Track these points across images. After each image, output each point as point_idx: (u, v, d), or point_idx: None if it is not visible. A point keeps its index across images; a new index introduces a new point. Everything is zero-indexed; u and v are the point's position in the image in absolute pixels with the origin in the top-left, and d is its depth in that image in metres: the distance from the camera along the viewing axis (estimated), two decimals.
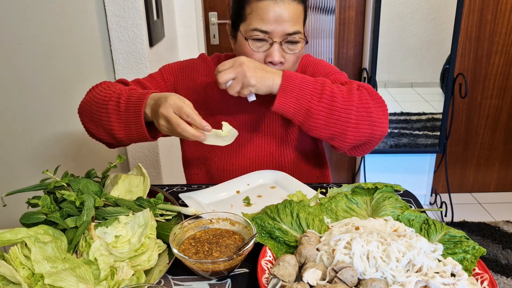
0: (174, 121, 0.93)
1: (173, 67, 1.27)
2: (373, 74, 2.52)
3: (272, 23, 1.06)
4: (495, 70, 2.72)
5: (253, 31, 1.07)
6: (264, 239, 0.83)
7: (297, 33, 1.08)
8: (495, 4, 2.56)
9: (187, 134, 0.93)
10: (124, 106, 1.03)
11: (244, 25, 1.10)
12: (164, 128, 0.97)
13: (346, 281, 0.68)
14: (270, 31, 1.06)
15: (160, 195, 0.94)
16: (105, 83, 1.16)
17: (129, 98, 1.03)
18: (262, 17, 1.06)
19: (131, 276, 0.75)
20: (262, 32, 1.07)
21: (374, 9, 2.41)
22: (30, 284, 0.70)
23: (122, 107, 1.03)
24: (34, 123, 1.63)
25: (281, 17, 1.05)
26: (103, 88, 1.12)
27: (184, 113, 0.92)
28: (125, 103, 1.03)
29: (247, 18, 1.09)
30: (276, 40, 1.07)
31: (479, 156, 2.98)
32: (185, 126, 0.92)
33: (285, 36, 1.07)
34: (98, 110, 1.07)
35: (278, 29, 1.06)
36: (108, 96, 1.07)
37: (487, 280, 0.73)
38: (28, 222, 0.82)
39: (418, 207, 1.02)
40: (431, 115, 2.71)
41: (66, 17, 1.56)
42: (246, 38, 1.09)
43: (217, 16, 2.55)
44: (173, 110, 0.93)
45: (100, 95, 1.09)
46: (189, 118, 0.92)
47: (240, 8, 1.11)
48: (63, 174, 0.92)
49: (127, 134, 1.05)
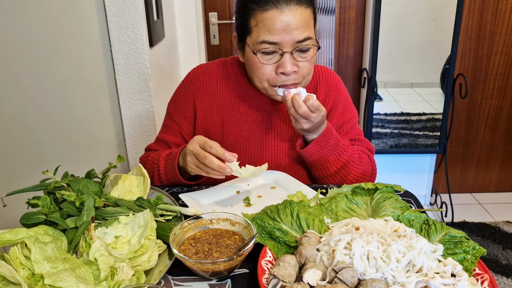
0: (200, 154, 0.99)
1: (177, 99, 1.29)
2: (373, 74, 2.52)
3: (280, 33, 1.00)
4: (495, 71, 2.72)
5: (261, 44, 1.03)
6: (264, 239, 0.83)
7: (307, 39, 1.03)
8: (495, 5, 2.56)
9: (212, 165, 0.97)
10: (164, 173, 1.16)
11: (250, 38, 1.06)
12: (190, 164, 1.04)
13: (346, 281, 0.68)
14: (279, 42, 1.01)
15: (160, 196, 0.94)
16: (143, 160, 1.26)
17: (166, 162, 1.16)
18: (269, 28, 1.01)
19: (131, 277, 0.75)
20: (270, 43, 1.02)
21: (374, 9, 2.41)
22: (30, 285, 0.70)
23: (162, 176, 1.17)
24: (34, 123, 1.63)
25: (289, 25, 1.00)
26: (147, 168, 1.20)
27: (208, 145, 0.99)
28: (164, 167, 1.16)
29: (253, 30, 1.04)
30: (286, 50, 1.02)
31: (479, 157, 2.98)
32: (211, 157, 0.98)
33: (295, 44, 1.02)
34: None
35: (287, 38, 1.01)
36: (152, 174, 1.19)
37: (487, 280, 0.72)
38: (28, 222, 0.82)
39: (418, 208, 1.02)
40: (431, 115, 2.71)
41: (66, 18, 1.56)
42: (254, 52, 1.04)
43: (217, 17, 2.55)
44: (199, 144, 1.01)
45: (149, 174, 1.20)
46: (212, 149, 0.98)
47: (244, 21, 1.06)
48: (63, 175, 0.92)
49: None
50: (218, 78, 1.24)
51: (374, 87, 2.52)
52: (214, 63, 1.28)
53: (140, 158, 1.30)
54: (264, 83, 1.11)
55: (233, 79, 1.23)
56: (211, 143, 0.99)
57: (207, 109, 1.24)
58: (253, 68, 1.10)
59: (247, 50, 1.09)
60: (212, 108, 1.24)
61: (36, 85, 1.60)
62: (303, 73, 1.08)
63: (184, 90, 1.26)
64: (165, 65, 1.97)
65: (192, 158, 1.02)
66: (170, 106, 1.30)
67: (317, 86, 1.25)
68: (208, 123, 1.25)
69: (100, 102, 1.70)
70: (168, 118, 1.29)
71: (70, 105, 1.66)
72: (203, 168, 1.01)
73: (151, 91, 1.69)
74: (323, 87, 1.25)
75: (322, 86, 1.25)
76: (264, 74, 1.08)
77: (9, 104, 1.55)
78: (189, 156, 1.03)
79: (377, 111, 2.69)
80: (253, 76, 1.13)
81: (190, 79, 1.27)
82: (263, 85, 1.12)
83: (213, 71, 1.25)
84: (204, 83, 1.24)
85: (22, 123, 1.60)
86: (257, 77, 1.11)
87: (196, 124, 1.25)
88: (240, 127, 1.23)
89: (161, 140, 1.29)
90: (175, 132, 1.27)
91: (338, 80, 1.28)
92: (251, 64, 1.10)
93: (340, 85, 1.28)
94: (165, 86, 1.93)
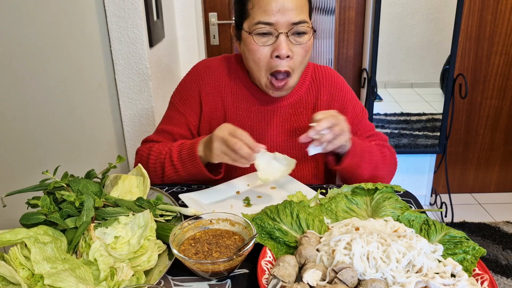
0: (230, 141, 0.99)
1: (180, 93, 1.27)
2: (373, 74, 2.52)
3: (276, 14, 1.03)
4: (495, 71, 2.72)
5: (256, 24, 1.05)
6: (264, 239, 0.83)
7: (303, 22, 1.05)
8: (495, 5, 2.56)
9: (242, 151, 0.98)
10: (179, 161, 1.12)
11: (247, 22, 1.08)
12: (217, 151, 1.03)
13: (346, 281, 0.68)
14: (274, 22, 1.03)
15: (160, 196, 0.94)
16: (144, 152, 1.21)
17: (180, 152, 1.12)
18: (264, 9, 1.03)
19: (131, 277, 0.75)
20: (266, 24, 1.04)
21: (374, 9, 2.41)
22: (30, 285, 0.70)
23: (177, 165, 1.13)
24: (34, 123, 1.63)
25: (284, 6, 1.02)
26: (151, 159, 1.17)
27: (239, 132, 0.99)
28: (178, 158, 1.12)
29: (249, 13, 1.07)
30: (281, 31, 1.04)
31: (479, 157, 2.98)
32: (242, 144, 0.98)
33: (290, 26, 1.04)
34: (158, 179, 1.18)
35: (282, 19, 1.03)
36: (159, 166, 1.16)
37: (487, 280, 0.72)
38: (28, 222, 0.82)
39: (418, 208, 1.02)
40: (431, 115, 2.71)
41: (66, 18, 1.56)
42: (250, 32, 1.06)
43: (217, 17, 2.55)
44: (228, 131, 1.01)
45: (152, 167, 1.17)
46: (242, 136, 0.99)
47: (242, 6, 1.09)
48: (63, 175, 0.92)
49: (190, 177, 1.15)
50: (222, 74, 1.24)
51: (374, 87, 2.52)
52: (218, 58, 1.28)
53: (138, 150, 1.25)
54: (261, 72, 1.11)
55: (236, 76, 1.24)
56: (242, 131, 1.00)
57: (211, 104, 1.24)
58: (249, 53, 1.10)
59: (243, 35, 1.10)
60: (216, 103, 1.24)
61: (36, 85, 1.59)
62: (297, 60, 1.09)
63: (190, 82, 1.25)
64: (165, 65, 1.97)
65: (220, 144, 1.02)
66: (176, 98, 1.27)
67: (320, 87, 1.25)
68: (213, 117, 1.24)
69: (100, 102, 1.70)
70: (173, 109, 1.27)
71: (70, 105, 1.66)
72: (231, 155, 1.01)
73: (151, 91, 1.69)
74: (326, 88, 1.25)
75: (325, 87, 1.25)
76: (260, 59, 1.09)
77: (9, 104, 1.55)
78: (216, 143, 1.02)
79: (377, 111, 2.69)
80: (250, 64, 1.13)
81: (197, 72, 1.26)
82: (260, 74, 1.12)
83: (218, 66, 1.25)
84: (210, 77, 1.24)
85: (22, 123, 1.60)
86: (254, 63, 1.11)
87: (201, 118, 1.24)
88: (242, 123, 1.23)
89: (164, 131, 1.25)
90: (180, 123, 1.25)
91: (341, 80, 1.28)
92: (247, 50, 1.10)
93: (344, 85, 1.27)
94: (165, 87, 1.93)
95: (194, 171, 1.11)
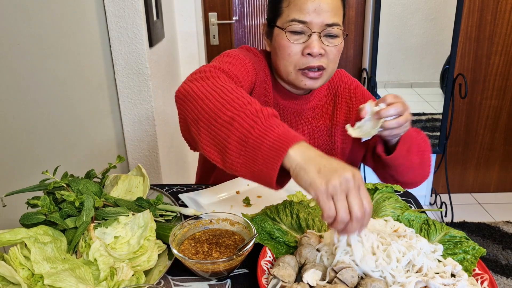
0: (355, 197, 0.66)
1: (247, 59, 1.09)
2: (373, 74, 2.52)
3: (311, 13, 1.02)
4: (495, 71, 2.72)
5: (290, 22, 1.03)
6: (264, 239, 0.83)
7: (336, 24, 1.04)
8: (495, 5, 2.56)
9: (356, 225, 0.67)
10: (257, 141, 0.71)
11: (281, 19, 1.06)
12: (332, 188, 0.65)
13: (346, 281, 0.68)
14: (309, 21, 1.02)
15: (160, 196, 0.94)
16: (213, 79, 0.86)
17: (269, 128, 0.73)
18: (300, 7, 1.02)
19: (131, 277, 0.75)
20: (300, 22, 1.03)
21: (374, 9, 2.41)
22: (30, 285, 0.70)
23: (253, 141, 0.71)
24: (34, 123, 1.63)
25: (320, 7, 1.02)
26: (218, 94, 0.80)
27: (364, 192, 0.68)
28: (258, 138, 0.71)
29: (284, 11, 1.06)
30: (314, 30, 1.03)
31: (479, 157, 2.98)
32: None
33: (324, 27, 1.03)
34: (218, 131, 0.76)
35: (316, 19, 1.02)
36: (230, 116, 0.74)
37: (487, 280, 0.72)
38: (28, 222, 0.82)
39: (418, 208, 1.02)
40: (431, 115, 2.71)
41: (66, 18, 1.56)
42: (283, 28, 1.05)
43: (216, 17, 2.55)
44: (357, 178, 0.67)
45: (214, 106, 0.77)
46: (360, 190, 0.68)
47: (276, 4, 1.08)
48: (63, 175, 0.92)
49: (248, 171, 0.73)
50: (261, 65, 1.17)
51: (374, 87, 2.52)
52: (258, 51, 1.19)
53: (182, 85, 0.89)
54: (290, 67, 1.07)
55: (266, 70, 1.17)
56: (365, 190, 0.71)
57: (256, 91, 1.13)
58: (279, 50, 1.07)
59: (275, 33, 1.08)
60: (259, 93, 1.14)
61: (36, 85, 1.59)
62: (329, 58, 1.07)
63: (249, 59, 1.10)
64: (165, 65, 1.97)
65: (342, 181, 0.65)
66: (239, 53, 1.09)
67: (338, 89, 1.23)
68: None
69: (100, 103, 1.70)
70: (234, 57, 1.05)
71: (70, 105, 1.66)
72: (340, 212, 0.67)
73: (151, 92, 1.69)
74: (343, 90, 1.23)
75: (343, 89, 1.23)
76: (291, 55, 1.06)
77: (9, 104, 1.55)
78: (342, 177, 0.65)
79: None
80: (279, 61, 1.09)
81: (253, 54, 1.17)
82: (288, 69, 1.07)
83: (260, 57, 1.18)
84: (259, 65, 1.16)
85: (22, 123, 1.59)
86: (283, 59, 1.07)
87: None
88: None
89: (232, 72, 0.98)
90: (242, 72, 1.03)
91: (356, 81, 1.27)
92: (277, 47, 1.08)
93: (359, 84, 1.26)
94: (165, 87, 1.93)
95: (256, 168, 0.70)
